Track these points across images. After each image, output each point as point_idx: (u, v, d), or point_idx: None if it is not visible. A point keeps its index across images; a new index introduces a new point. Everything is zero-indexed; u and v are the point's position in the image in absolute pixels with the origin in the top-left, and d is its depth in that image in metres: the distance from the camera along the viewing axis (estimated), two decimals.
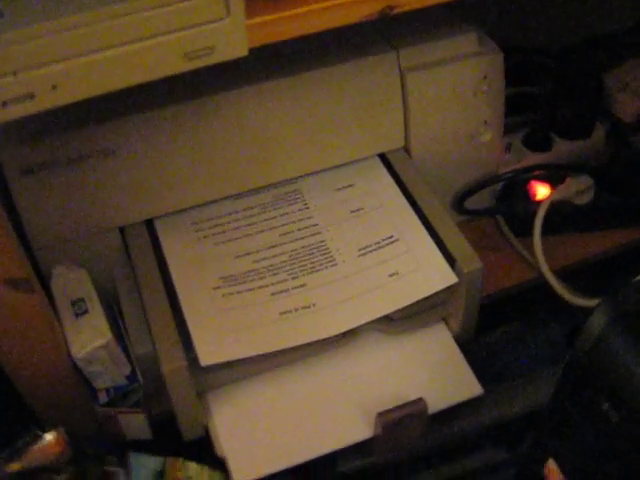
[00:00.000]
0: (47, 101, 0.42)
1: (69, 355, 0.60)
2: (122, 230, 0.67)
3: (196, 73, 0.45)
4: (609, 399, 0.45)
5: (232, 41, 0.44)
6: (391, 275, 0.64)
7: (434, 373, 0.65)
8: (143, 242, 0.66)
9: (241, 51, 0.45)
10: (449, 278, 0.64)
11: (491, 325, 0.76)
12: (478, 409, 0.67)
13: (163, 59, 0.43)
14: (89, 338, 0.60)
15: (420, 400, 0.61)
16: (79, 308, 0.62)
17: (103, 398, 0.62)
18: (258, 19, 0.46)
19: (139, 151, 0.63)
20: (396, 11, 0.50)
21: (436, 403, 0.62)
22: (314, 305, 0.63)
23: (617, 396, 0.45)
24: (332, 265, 0.65)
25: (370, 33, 0.69)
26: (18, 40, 0.39)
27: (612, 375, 0.45)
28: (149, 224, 0.67)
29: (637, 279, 0.73)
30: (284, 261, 0.66)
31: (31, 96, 0.41)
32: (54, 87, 0.42)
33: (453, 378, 0.65)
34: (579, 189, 0.78)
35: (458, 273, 0.64)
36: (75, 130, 0.61)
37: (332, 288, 0.64)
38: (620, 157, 0.82)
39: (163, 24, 0.42)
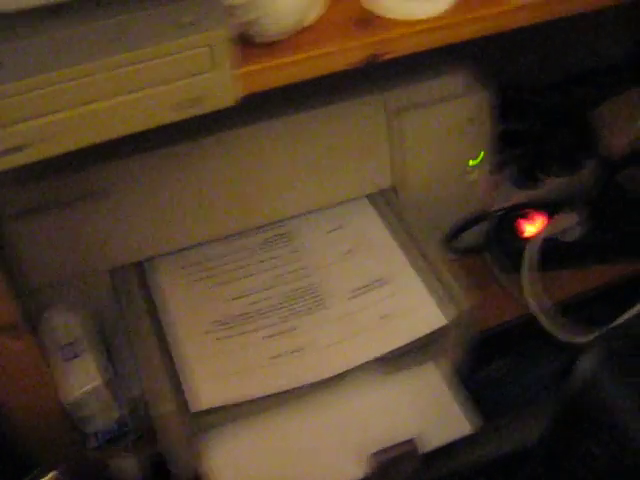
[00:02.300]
0: (36, 153, 0.42)
1: (59, 399, 0.59)
2: (112, 272, 0.67)
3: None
4: (599, 442, 0.46)
5: (219, 92, 0.44)
6: (382, 317, 0.64)
7: (424, 412, 0.65)
8: (132, 285, 0.66)
9: (229, 101, 0.45)
10: (439, 320, 0.64)
11: (482, 362, 0.76)
12: (470, 446, 0.67)
13: (153, 110, 0.44)
14: (79, 383, 0.60)
15: (411, 440, 0.61)
16: (69, 352, 0.62)
17: (93, 442, 0.62)
18: (246, 69, 0.47)
19: (130, 193, 0.64)
20: (382, 58, 0.51)
21: (427, 442, 0.62)
22: (304, 349, 0.63)
23: (607, 439, 0.45)
24: (323, 308, 0.66)
25: (357, 76, 0.69)
26: (6, 93, 0.40)
27: (602, 418, 0.45)
28: (139, 266, 0.68)
29: (625, 317, 0.74)
30: (275, 304, 0.66)
31: (20, 148, 0.42)
32: (43, 139, 0.42)
33: (442, 417, 0.65)
34: (567, 226, 0.79)
35: (446, 314, 0.64)
36: (67, 173, 0.62)
37: (323, 331, 0.64)
38: (608, 193, 0.83)
39: (152, 76, 0.42)
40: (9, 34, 0.41)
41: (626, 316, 0.73)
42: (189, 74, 0.43)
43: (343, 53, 0.50)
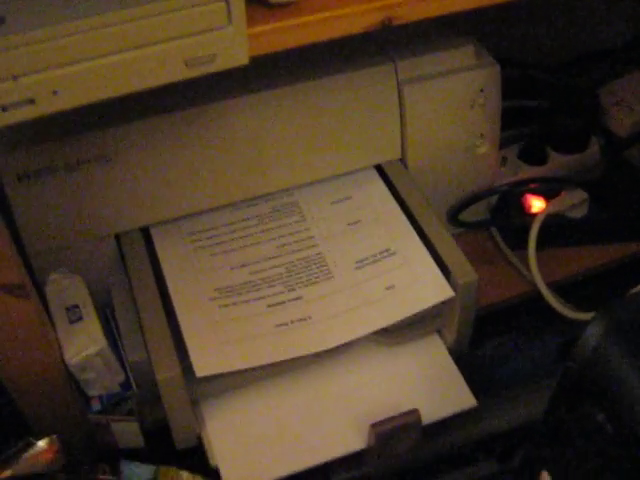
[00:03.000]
0: (47, 106, 0.42)
1: (63, 361, 0.59)
2: (118, 237, 0.66)
3: (194, 82, 0.45)
4: (604, 411, 0.45)
5: (233, 49, 0.44)
6: (387, 288, 0.64)
7: (428, 385, 0.65)
8: (139, 250, 0.66)
9: (242, 59, 0.45)
10: (445, 292, 0.64)
11: (485, 337, 0.76)
12: (471, 421, 0.67)
13: (164, 66, 0.43)
14: (83, 345, 0.60)
15: (414, 411, 0.61)
16: (73, 315, 0.62)
17: (96, 406, 0.62)
18: (259, 28, 0.47)
19: (136, 158, 0.64)
20: (396, 22, 0.51)
21: (430, 414, 0.62)
22: (310, 318, 0.63)
23: (612, 408, 0.45)
24: (329, 278, 0.65)
25: (368, 45, 0.70)
26: (20, 45, 0.39)
27: (607, 387, 0.45)
28: (145, 232, 0.67)
29: (632, 292, 0.74)
30: (281, 273, 0.66)
31: (31, 101, 0.41)
32: (54, 92, 0.42)
33: (447, 390, 0.65)
34: (574, 203, 0.78)
35: (453, 285, 0.64)
36: (72, 136, 0.61)
37: (328, 301, 0.64)
38: (614, 171, 0.83)
39: (165, 31, 0.42)
40: None
41: (632, 291, 0.73)
42: (204, 29, 0.42)
43: (356, 16, 0.50)
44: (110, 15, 0.40)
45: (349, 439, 0.62)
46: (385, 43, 0.70)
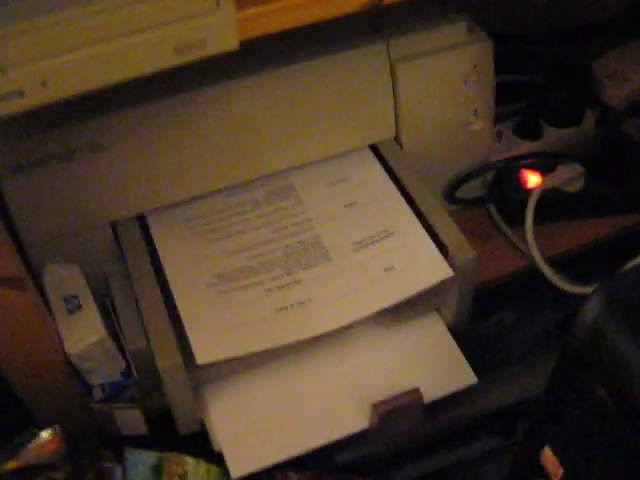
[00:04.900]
0: (37, 98, 0.42)
1: (63, 352, 0.59)
2: (114, 226, 0.66)
3: (185, 66, 0.45)
4: (604, 385, 0.46)
5: (222, 34, 0.44)
6: (386, 270, 0.64)
7: (428, 363, 0.66)
8: (135, 238, 0.66)
9: (232, 44, 0.44)
10: (444, 271, 0.63)
11: (484, 314, 0.76)
12: (473, 398, 0.67)
13: (154, 53, 0.43)
14: (83, 334, 0.60)
15: (415, 390, 0.61)
16: (72, 305, 0.62)
17: (98, 394, 0.62)
18: (248, 12, 0.46)
19: (129, 145, 0.63)
20: (387, 1, 0.50)
21: (431, 393, 0.63)
22: (310, 301, 0.63)
23: (612, 382, 0.45)
24: (327, 260, 0.65)
25: (359, 24, 0.69)
26: (7, 36, 0.39)
27: (607, 361, 0.45)
28: (141, 220, 0.67)
29: (629, 266, 0.74)
30: (279, 257, 0.65)
31: (21, 93, 0.41)
32: (44, 84, 0.41)
33: (447, 367, 0.65)
34: (570, 177, 0.78)
35: (451, 263, 0.64)
36: (65, 126, 0.61)
37: (327, 283, 0.64)
38: (610, 144, 0.82)
39: (153, 18, 0.41)
40: None
41: (629, 264, 0.74)
42: (192, 15, 0.42)
43: None
44: (97, 4, 0.40)
45: (351, 420, 0.62)
46: (377, 22, 0.69)
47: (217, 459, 0.61)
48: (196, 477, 0.60)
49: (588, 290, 0.72)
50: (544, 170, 0.78)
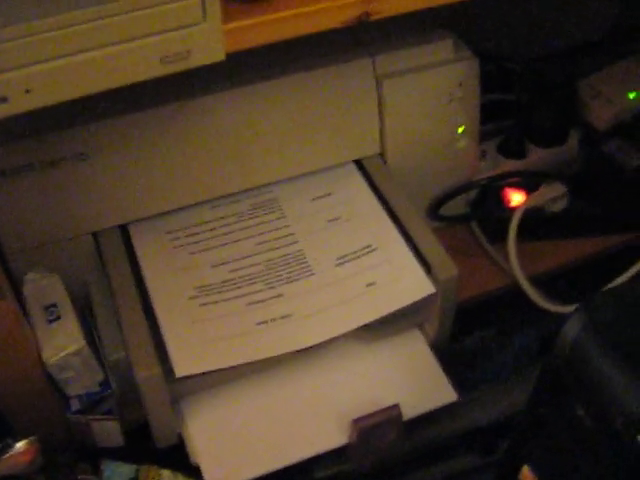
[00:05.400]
0: (21, 104, 0.42)
1: (41, 361, 0.59)
2: (95, 236, 0.66)
3: (171, 77, 0.45)
4: (583, 405, 0.46)
5: (209, 46, 0.44)
6: (368, 285, 0.64)
7: (409, 379, 0.65)
8: (117, 248, 0.65)
9: (218, 56, 0.45)
10: (427, 288, 0.64)
11: (466, 331, 0.76)
12: (453, 415, 0.67)
13: (139, 63, 0.43)
14: (62, 344, 0.59)
15: (395, 406, 0.61)
16: (51, 314, 0.61)
17: (75, 405, 0.62)
18: (235, 24, 0.46)
19: (113, 155, 0.63)
20: (373, 17, 0.51)
21: (411, 409, 0.62)
22: (291, 315, 0.62)
23: (591, 402, 0.45)
24: (309, 275, 0.65)
25: (346, 40, 0.69)
26: None
27: (586, 381, 0.45)
28: (124, 230, 0.67)
29: (610, 286, 0.74)
30: (261, 271, 0.65)
31: (4, 99, 0.41)
32: (28, 91, 0.41)
33: (427, 384, 0.65)
34: (553, 196, 0.79)
35: (434, 280, 0.64)
36: (49, 134, 0.61)
37: (309, 298, 0.64)
38: (593, 164, 0.83)
39: (139, 27, 0.41)
40: None
41: (611, 284, 0.74)
42: (179, 26, 0.42)
43: (334, 11, 0.49)
44: (83, 12, 0.40)
45: (331, 435, 0.62)
46: (363, 37, 0.70)
47: (195, 472, 0.60)
48: None
49: (569, 309, 0.72)
50: (528, 189, 0.79)
